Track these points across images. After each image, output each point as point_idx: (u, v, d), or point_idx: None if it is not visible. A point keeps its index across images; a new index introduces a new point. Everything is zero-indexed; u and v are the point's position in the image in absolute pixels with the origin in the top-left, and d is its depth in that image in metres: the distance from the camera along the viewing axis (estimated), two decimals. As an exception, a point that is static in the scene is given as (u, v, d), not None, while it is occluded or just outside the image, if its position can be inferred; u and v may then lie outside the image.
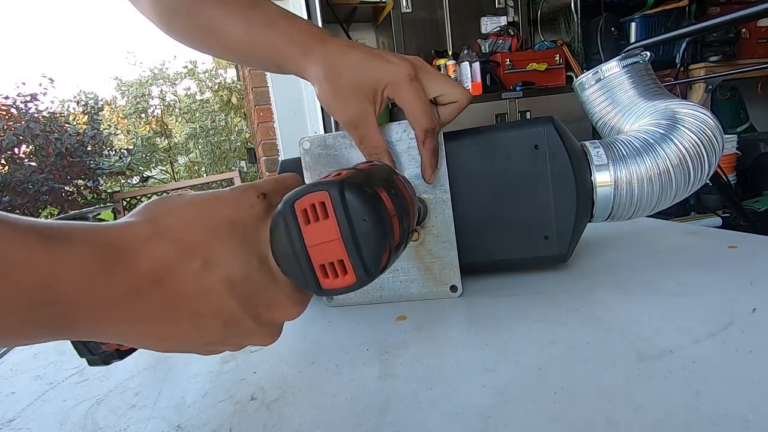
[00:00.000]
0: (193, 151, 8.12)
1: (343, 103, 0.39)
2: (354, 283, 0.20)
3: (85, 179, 4.41)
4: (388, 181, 0.23)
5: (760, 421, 0.22)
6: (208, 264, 0.21)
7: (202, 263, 0.20)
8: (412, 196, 0.26)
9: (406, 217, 0.23)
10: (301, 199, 0.20)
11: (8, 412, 0.34)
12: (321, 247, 0.19)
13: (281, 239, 0.20)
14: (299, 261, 0.20)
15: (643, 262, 0.48)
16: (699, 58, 2.38)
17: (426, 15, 2.49)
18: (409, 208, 0.24)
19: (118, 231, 0.20)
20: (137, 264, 0.19)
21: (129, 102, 9.35)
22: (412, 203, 0.25)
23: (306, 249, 0.20)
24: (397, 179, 0.25)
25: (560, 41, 2.53)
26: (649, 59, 0.53)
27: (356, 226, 0.19)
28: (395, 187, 0.23)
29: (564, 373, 0.29)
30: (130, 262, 0.19)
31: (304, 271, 0.20)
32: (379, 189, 0.21)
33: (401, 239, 0.22)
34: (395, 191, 0.23)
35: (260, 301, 0.22)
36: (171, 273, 0.20)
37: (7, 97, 4.30)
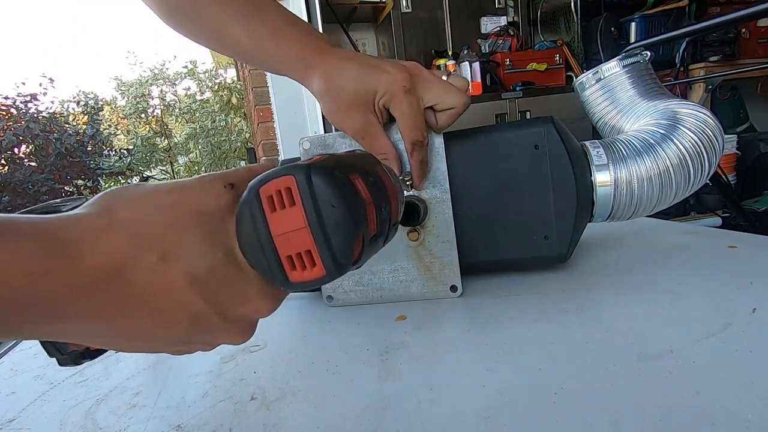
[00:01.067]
0: (193, 151, 8.11)
1: (346, 116, 0.40)
2: (323, 276, 0.18)
3: (85, 179, 4.41)
4: (366, 169, 0.21)
5: (760, 421, 0.22)
6: (167, 257, 0.20)
7: (160, 256, 0.19)
8: (396, 187, 0.24)
9: (385, 206, 0.22)
10: (266, 184, 0.18)
11: (8, 412, 0.34)
12: (287, 237, 0.18)
13: (246, 229, 0.19)
14: (265, 252, 0.19)
15: (643, 262, 0.48)
16: (699, 58, 2.38)
17: (426, 15, 2.48)
18: (390, 198, 0.22)
19: (67, 224, 0.19)
20: (87, 259, 0.18)
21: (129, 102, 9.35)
22: (394, 194, 0.23)
23: (272, 239, 0.18)
24: (380, 169, 0.23)
25: (560, 41, 2.53)
26: (649, 59, 0.53)
27: (324, 213, 0.18)
28: (374, 176, 0.21)
29: (564, 373, 0.29)
30: (79, 257, 0.18)
31: (270, 262, 0.19)
32: (354, 175, 0.20)
33: (379, 230, 0.21)
34: (374, 179, 0.21)
35: (227, 296, 0.21)
36: (125, 267, 0.19)
37: (7, 97, 4.30)
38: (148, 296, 0.20)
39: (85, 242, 0.18)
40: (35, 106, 4.42)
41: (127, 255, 0.19)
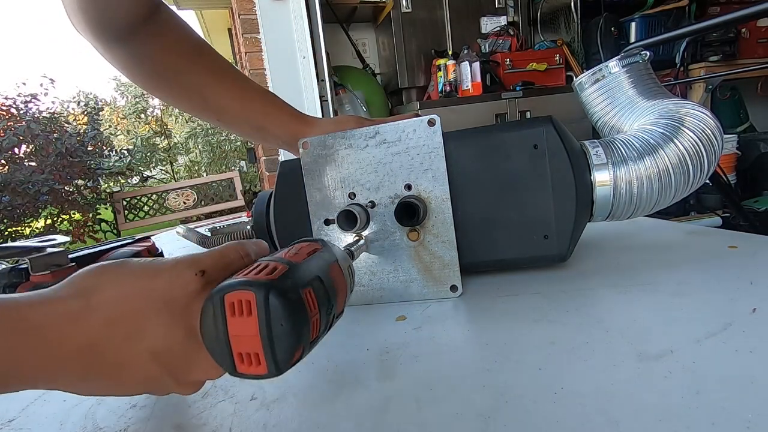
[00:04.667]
0: (192, 150, 8.11)
1: None
2: (265, 374, 0.22)
3: (85, 179, 4.40)
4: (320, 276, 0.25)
5: (760, 421, 0.22)
6: (134, 337, 0.23)
7: (127, 336, 0.23)
8: (346, 282, 0.29)
9: (332, 307, 0.26)
10: (231, 293, 0.22)
11: (8, 412, 0.34)
12: (241, 339, 0.22)
13: (208, 322, 0.22)
14: (221, 345, 0.22)
15: (643, 262, 0.48)
16: (699, 58, 2.38)
17: (426, 15, 2.48)
18: (338, 295, 0.27)
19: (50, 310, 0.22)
20: (64, 341, 0.22)
21: (129, 102, 9.35)
22: (343, 289, 0.28)
23: (228, 337, 0.22)
24: (333, 267, 0.27)
25: (560, 41, 2.53)
26: (648, 59, 0.53)
27: (274, 328, 0.21)
28: (326, 279, 0.26)
29: (564, 373, 0.29)
30: (57, 340, 0.21)
31: (224, 354, 0.22)
32: (306, 290, 0.23)
33: (322, 329, 0.25)
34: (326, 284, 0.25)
35: (183, 365, 0.24)
36: (97, 345, 0.22)
37: (8, 97, 4.30)
38: (114, 368, 0.23)
39: (64, 327, 0.22)
40: (36, 106, 4.42)
41: (100, 335, 0.22)
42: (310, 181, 0.47)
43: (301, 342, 0.22)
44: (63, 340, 0.22)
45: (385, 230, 0.45)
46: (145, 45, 0.47)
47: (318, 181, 0.47)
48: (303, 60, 2.04)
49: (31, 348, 0.21)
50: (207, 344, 0.23)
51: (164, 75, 0.49)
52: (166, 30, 0.48)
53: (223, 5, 3.45)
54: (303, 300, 0.23)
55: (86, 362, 0.22)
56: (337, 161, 0.46)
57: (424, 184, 0.44)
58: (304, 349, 0.23)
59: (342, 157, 0.46)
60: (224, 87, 0.50)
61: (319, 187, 0.47)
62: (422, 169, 0.44)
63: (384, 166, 0.45)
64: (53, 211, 4.26)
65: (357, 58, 2.58)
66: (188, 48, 0.49)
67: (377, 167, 0.45)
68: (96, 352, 0.22)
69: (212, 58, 0.50)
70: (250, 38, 2.09)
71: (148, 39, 0.47)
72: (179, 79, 0.49)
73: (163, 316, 0.23)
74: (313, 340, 0.24)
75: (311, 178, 0.47)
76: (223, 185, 4.47)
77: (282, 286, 0.22)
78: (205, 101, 0.50)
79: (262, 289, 0.21)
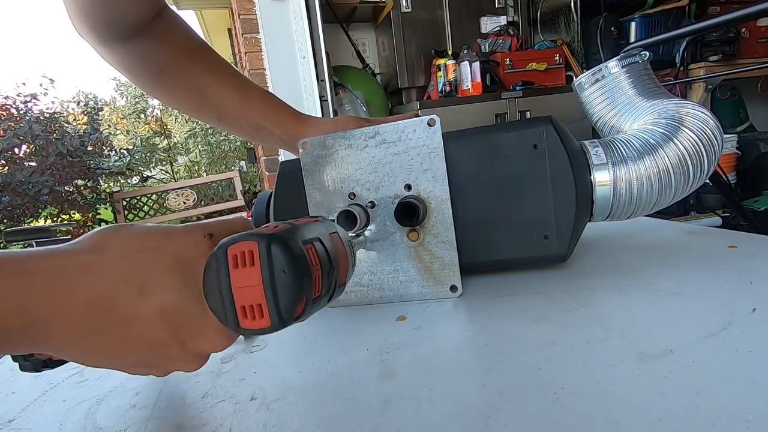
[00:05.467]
0: (192, 150, 8.11)
1: None
2: (268, 327, 0.22)
3: (85, 179, 4.40)
4: (320, 238, 0.25)
5: (760, 421, 0.22)
6: (144, 292, 0.23)
7: (138, 291, 0.23)
8: (347, 252, 0.29)
9: (333, 271, 0.26)
10: (234, 245, 0.22)
11: (8, 412, 0.34)
12: (244, 290, 0.22)
13: (211, 278, 0.22)
14: (224, 300, 0.22)
15: (643, 262, 0.48)
16: (699, 58, 2.38)
17: (426, 15, 2.48)
18: (339, 262, 0.27)
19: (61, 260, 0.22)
20: (73, 291, 0.21)
21: (128, 102, 9.35)
22: (344, 258, 0.28)
23: (231, 290, 0.22)
24: (335, 237, 0.28)
25: (560, 41, 2.53)
26: (648, 59, 0.53)
27: (276, 276, 0.21)
28: (326, 244, 0.26)
29: (564, 373, 0.29)
30: (65, 289, 0.21)
31: (227, 309, 0.22)
32: (307, 245, 0.24)
33: (324, 291, 0.25)
34: (326, 247, 0.25)
35: (189, 330, 0.24)
36: (106, 298, 0.22)
37: (8, 97, 4.30)
38: (122, 323, 0.22)
39: (76, 276, 0.22)
40: (36, 106, 4.41)
41: (109, 288, 0.22)
42: (310, 181, 0.47)
43: (302, 293, 0.22)
44: (71, 290, 0.21)
45: (385, 230, 0.45)
46: (148, 45, 0.47)
47: (318, 181, 0.47)
48: (303, 60, 2.04)
49: (38, 293, 0.20)
50: (210, 301, 0.23)
51: (166, 75, 0.49)
52: (169, 30, 0.49)
53: (223, 5, 3.45)
54: (304, 252, 0.23)
55: (94, 315, 0.22)
56: (337, 161, 0.46)
57: (424, 184, 0.44)
58: (307, 303, 0.23)
59: (342, 157, 0.46)
60: (224, 86, 0.50)
61: (319, 187, 0.47)
62: (422, 170, 0.44)
63: (384, 166, 0.45)
64: (53, 211, 4.26)
65: (357, 58, 2.58)
66: (190, 48, 0.50)
67: (377, 167, 0.45)
68: (105, 305, 0.22)
69: (212, 58, 0.51)
70: (250, 38, 2.09)
71: (152, 39, 0.47)
72: (180, 79, 0.49)
73: (173, 274, 0.23)
74: (316, 298, 0.24)
75: (311, 178, 0.47)
76: (223, 185, 4.47)
77: (284, 237, 0.22)
78: (204, 101, 0.50)
79: (264, 239, 0.22)
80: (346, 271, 0.28)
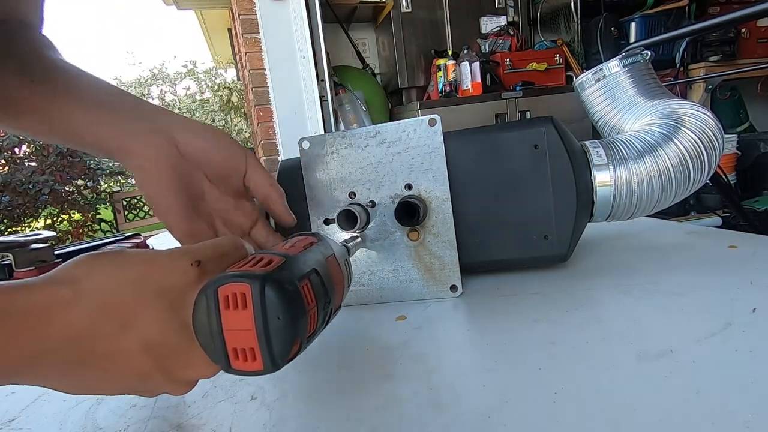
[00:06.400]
0: (193, 151, 8.10)
1: None
2: (260, 370, 0.21)
3: (85, 179, 4.40)
4: (317, 269, 0.24)
5: (760, 421, 0.22)
6: (126, 326, 0.22)
7: (120, 325, 0.21)
8: (344, 275, 0.28)
9: (330, 301, 0.25)
10: (225, 286, 0.21)
11: (8, 412, 0.34)
12: (236, 333, 0.21)
13: (201, 317, 0.21)
14: (214, 340, 0.21)
15: (643, 262, 0.48)
16: (699, 58, 2.38)
17: (426, 15, 2.48)
18: (335, 289, 0.26)
19: (35, 297, 0.21)
20: (49, 330, 0.20)
21: (129, 102, 9.32)
22: (340, 282, 0.27)
23: (222, 331, 0.21)
24: (331, 260, 0.26)
25: (560, 41, 2.53)
26: (649, 59, 0.53)
27: (270, 322, 0.20)
28: (324, 271, 0.25)
29: (564, 373, 0.29)
30: (41, 328, 0.20)
31: (218, 349, 0.21)
32: (303, 282, 0.22)
33: (320, 324, 0.24)
34: (323, 277, 0.24)
35: (175, 361, 0.23)
36: (86, 337, 0.21)
37: (8, 97, 4.30)
38: (104, 359, 0.22)
39: (52, 315, 0.20)
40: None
41: (89, 324, 0.21)
42: (310, 180, 0.47)
43: (298, 336, 0.22)
44: (49, 329, 0.20)
45: (385, 230, 0.45)
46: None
47: (318, 181, 0.47)
48: (303, 60, 2.04)
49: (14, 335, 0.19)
50: (200, 339, 0.22)
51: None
52: None
53: (223, 5, 3.45)
54: (300, 292, 0.22)
55: (74, 353, 0.21)
56: (337, 160, 0.46)
57: (424, 183, 0.44)
58: (302, 344, 0.22)
59: (342, 156, 0.46)
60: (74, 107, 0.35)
61: (319, 186, 0.47)
62: (422, 169, 0.44)
63: (384, 165, 0.45)
64: (53, 211, 4.26)
65: (357, 58, 2.58)
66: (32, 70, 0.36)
67: (377, 167, 0.45)
68: (85, 342, 0.21)
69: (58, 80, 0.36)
70: (250, 38, 2.09)
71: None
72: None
73: (158, 305, 0.22)
74: (311, 334, 0.23)
75: (311, 178, 0.47)
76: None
77: (278, 278, 0.21)
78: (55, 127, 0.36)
79: (257, 281, 0.20)
80: (342, 294, 0.28)
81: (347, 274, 0.29)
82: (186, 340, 0.23)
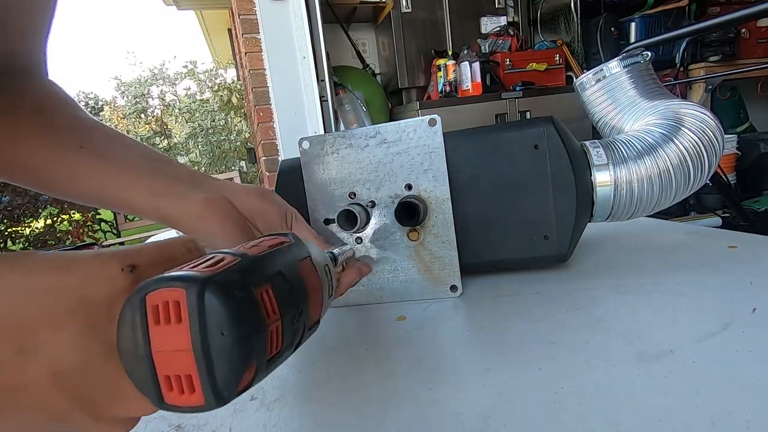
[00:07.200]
0: (193, 150, 8.11)
1: None
2: (201, 405, 0.16)
3: (85, 179, 4.40)
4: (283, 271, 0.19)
5: (760, 421, 0.22)
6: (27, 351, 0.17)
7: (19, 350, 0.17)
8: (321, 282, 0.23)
9: (301, 313, 0.20)
10: (155, 292, 0.16)
11: (8, 412, 0.34)
12: (168, 355, 0.16)
13: (125, 334, 0.17)
14: (141, 364, 0.16)
15: (643, 262, 0.48)
16: (699, 58, 2.38)
17: (426, 15, 2.48)
18: (309, 300, 0.21)
19: None
20: None
21: (129, 102, 9.36)
22: (316, 292, 0.22)
23: (151, 354, 0.16)
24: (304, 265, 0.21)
25: (560, 41, 2.53)
26: (649, 59, 0.53)
27: (212, 339, 0.16)
28: (292, 277, 0.20)
29: (564, 373, 0.29)
30: None
31: (146, 377, 0.16)
32: (262, 287, 0.18)
33: (287, 344, 0.19)
34: (291, 282, 0.19)
35: (100, 394, 0.18)
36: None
37: (7, 97, 4.30)
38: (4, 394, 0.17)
39: None
40: (35, 106, 4.41)
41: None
42: (310, 180, 0.47)
43: (251, 359, 0.17)
44: None
45: (385, 230, 0.45)
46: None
47: (318, 181, 0.47)
48: (303, 60, 2.04)
49: None
50: (125, 364, 0.17)
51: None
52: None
53: (223, 5, 3.46)
54: (256, 300, 0.17)
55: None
56: (337, 161, 0.46)
57: (424, 184, 0.44)
58: (257, 370, 0.17)
59: (342, 156, 0.46)
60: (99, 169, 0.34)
61: (319, 186, 0.47)
62: (423, 169, 0.44)
63: (384, 165, 0.45)
64: (53, 211, 4.26)
65: (357, 58, 2.58)
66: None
67: (378, 167, 0.45)
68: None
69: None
70: (250, 38, 2.09)
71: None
72: None
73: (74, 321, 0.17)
74: (273, 356, 0.18)
75: (311, 178, 0.47)
76: (223, 185, 4.47)
77: (223, 281, 0.16)
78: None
79: (194, 285, 0.16)
80: (320, 306, 0.22)
81: (328, 282, 0.24)
82: (112, 365, 0.18)
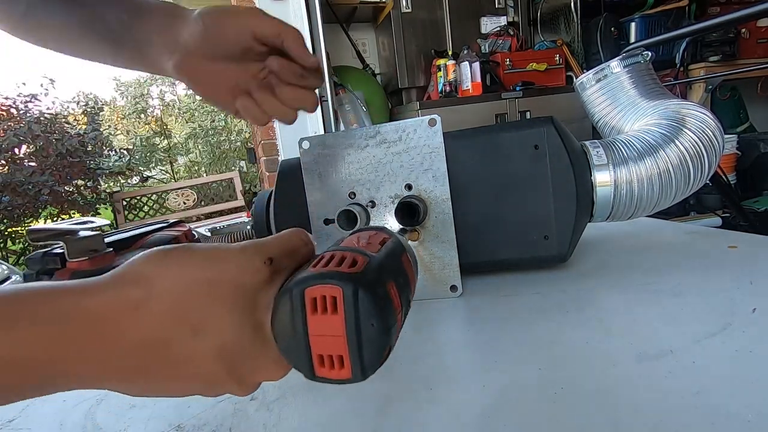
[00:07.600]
0: (192, 151, 8.11)
1: None
2: (348, 379, 0.20)
3: (85, 179, 4.40)
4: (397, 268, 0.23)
5: (760, 421, 0.22)
6: (199, 332, 0.20)
7: (193, 331, 0.20)
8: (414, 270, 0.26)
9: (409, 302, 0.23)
10: (313, 287, 0.19)
11: (8, 412, 0.34)
12: (323, 339, 0.19)
13: (284, 319, 0.20)
14: (298, 345, 0.20)
15: (643, 262, 0.48)
16: (699, 58, 2.38)
17: (426, 15, 2.48)
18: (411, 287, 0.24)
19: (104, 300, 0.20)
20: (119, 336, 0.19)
21: (128, 102, 9.35)
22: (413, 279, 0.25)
23: (308, 336, 0.20)
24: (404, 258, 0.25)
25: (560, 41, 2.53)
26: (650, 59, 0.53)
27: (363, 329, 0.19)
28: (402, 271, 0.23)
29: (564, 373, 0.29)
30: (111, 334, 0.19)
31: (301, 355, 0.20)
32: (390, 284, 0.21)
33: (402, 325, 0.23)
34: (403, 278, 0.23)
35: (246, 365, 0.22)
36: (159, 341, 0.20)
37: (8, 98, 4.30)
38: (174, 365, 0.21)
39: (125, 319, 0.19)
40: (36, 107, 4.41)
41: (161, 329, 0.20)
42: (310, 180, 0.47)
43: (389, 343, 0.20)
44: (121, 333, 0.19)
45: (385, 230, 0.45)
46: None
47: (318, 181, 0.47)
48: (303, 60, 2.04)
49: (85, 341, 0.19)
50: (281, 344, 0.20)
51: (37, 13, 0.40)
52: None
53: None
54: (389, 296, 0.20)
55: (145, 358, 0.20)
56: (337, 161, 0.46)
57: (424, 184, 0.44)
58: (390, 351, 0.21)
59: (342, 156, 0.46)
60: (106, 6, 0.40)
61: (319, 186, 0.47)
62: (423, 169, 0.44)
63: (384, 165, 0.45)
64: (53, 211, 4.26)
65: (357, 58, 2.58)
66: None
67: (378, 167, 0.45)
68: (155, 348, 0.20)
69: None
70: (250, 38, 2.08)
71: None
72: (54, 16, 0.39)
73: (233, 306, 0.21)
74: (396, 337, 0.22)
75: (311, 178, 0.47)
76: (223, 185, 4.47)
77: (370, 281, 0.19)
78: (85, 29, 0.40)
79: (349, 284, 0.19)
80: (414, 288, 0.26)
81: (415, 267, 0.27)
82: (258, 343, 0.21)
